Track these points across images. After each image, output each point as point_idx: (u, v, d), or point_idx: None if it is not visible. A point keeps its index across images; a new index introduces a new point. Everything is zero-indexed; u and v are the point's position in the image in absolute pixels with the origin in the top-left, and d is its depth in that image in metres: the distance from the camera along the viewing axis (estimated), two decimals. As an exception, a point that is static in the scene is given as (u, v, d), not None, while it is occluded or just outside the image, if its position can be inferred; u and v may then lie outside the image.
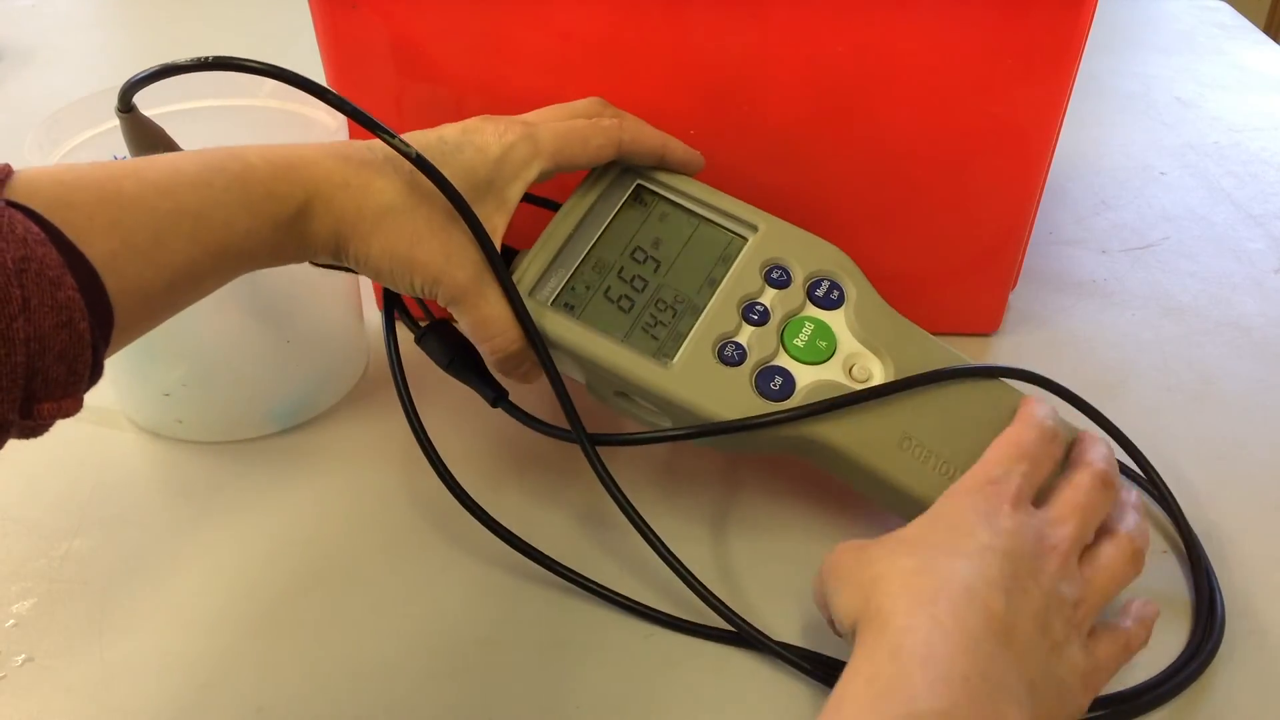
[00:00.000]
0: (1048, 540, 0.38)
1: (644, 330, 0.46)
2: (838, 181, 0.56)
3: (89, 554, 0.48)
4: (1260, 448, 0.55)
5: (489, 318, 0.44)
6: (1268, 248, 0.72)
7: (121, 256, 0.34)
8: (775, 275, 0.47)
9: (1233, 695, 0.42)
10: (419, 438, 0.47)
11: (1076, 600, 0.38)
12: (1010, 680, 0.34)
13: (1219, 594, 0.46)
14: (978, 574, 0.36)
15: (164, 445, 0.55)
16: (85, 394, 0.33)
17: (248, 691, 0.42)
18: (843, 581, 0.38)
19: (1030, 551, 0.37)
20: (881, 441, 0.44)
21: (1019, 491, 0.40)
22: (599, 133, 0.46)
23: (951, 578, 0.36)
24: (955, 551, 0.37)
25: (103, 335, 0.33)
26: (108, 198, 0.34)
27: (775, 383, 0.45)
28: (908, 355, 0.46)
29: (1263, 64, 1.01)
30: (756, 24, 0.50)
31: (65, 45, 1.05)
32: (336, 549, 0.49)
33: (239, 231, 0.38)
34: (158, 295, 0.36)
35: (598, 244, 0.47)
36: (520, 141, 0.44)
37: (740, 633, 0.43)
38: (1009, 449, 0.41)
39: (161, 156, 0.38)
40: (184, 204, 0.36)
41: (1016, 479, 0.40)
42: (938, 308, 0.61)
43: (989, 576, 0.36)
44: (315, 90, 0.41)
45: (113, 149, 0.54)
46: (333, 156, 0.41)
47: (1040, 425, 0.43)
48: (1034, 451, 0.41)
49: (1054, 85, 0.52)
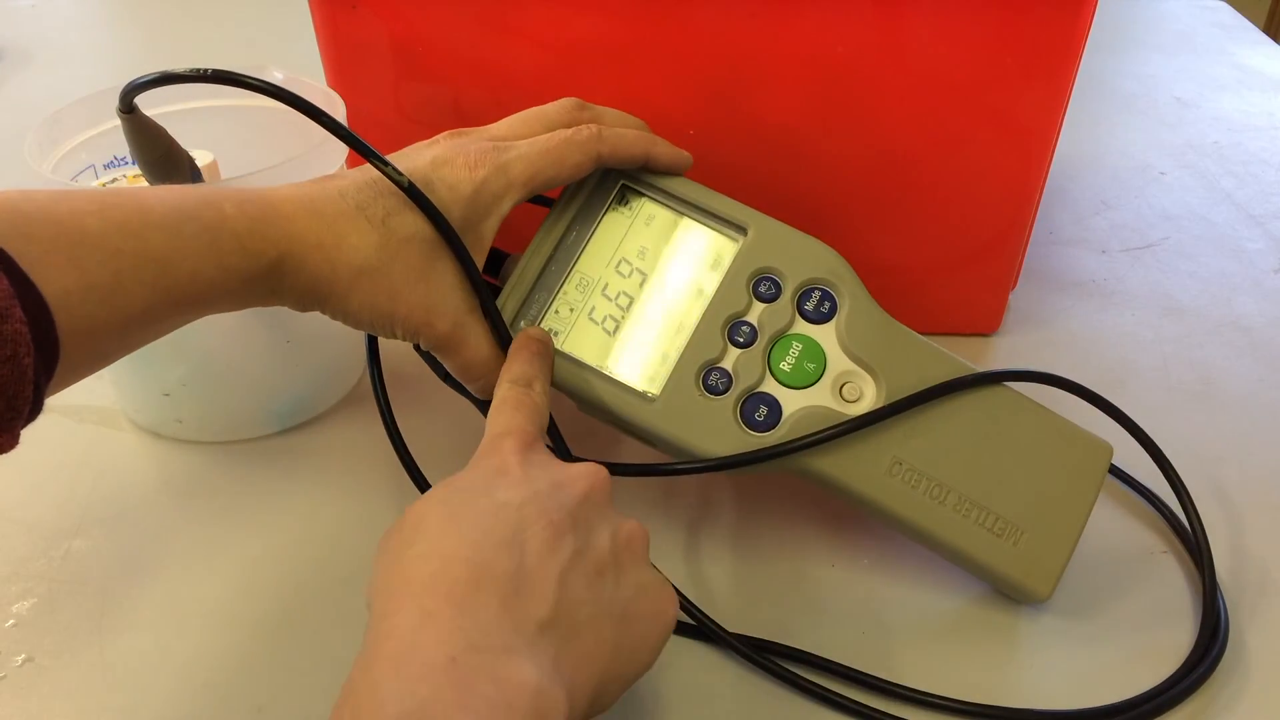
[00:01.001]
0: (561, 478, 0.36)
1: (629, 355, 0.45)
2: (838, 181, 0.56)
3: (89, 554, 0.48)
4: (1260, 448, 0.55)
5: (472, 361, 0.43)
6: (1268, 248, 0.72)
7: (76, 295, 0.33)
8: (764, 288, 0.46)
9: (1238, 698, 0.42)
10: (395, 444, 0.46)
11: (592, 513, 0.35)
12: (512, 636, 0.30)
13: (1222, 600, 0.46)
14: (483, 540, 0.32)
15: (164, 445, 0.55)
16: (21, 431, 0.32)
17: (248, 691, 0.42)
18: (371, 577, 0.34)
19: (544, 490, 0.35)
20: (870, 469, 0.43)
21: (520, 437, 0.37)
22: (575, 149, 0.44)
23: (454, 557, 0.32)
24: (459, 524, 0.33)
25: (46, 372, 0.32)
26: (68, 233, 0.33)
27: (760, 412, 0.44)
28: (901, 370, 0.44)
29: (1263, 64, 1.01)
30: (756, 23, 0.50)
31: (65, 45, 1.05)
32: (336, 549, 0.49)
33: (204, 281, 0.37)
34: (110, 337, 0.35)
35: (582, 258, 0.46)
36: (493, 176, 0.43)
37: (699, 625, 0.43)
38: (497, 409, 0.40)
39: (130, 192, 0.36)
40: (149, 249, 0.35)
41: (515, 430, 0.38)
42: (938, 308, 0.61)
43: (498, 538, 0.32)
44: (310, 111, 0.41)
45: (113, 149, 0.54)
46: (306, 212, 0.40)
47: (516, 379, 0.41)
48: (524, 401, 0.40)
49: (1054, 85, 0.52)
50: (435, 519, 0.33)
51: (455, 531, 0.33)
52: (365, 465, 0.53)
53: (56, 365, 0.32)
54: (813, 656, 0.43)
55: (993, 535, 0.43)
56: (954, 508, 0.43)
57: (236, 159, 0.52)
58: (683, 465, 0.44)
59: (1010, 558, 0.43)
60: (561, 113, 0.47)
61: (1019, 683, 0.43)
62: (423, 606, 0.30)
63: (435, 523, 0.33)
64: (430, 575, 0.31)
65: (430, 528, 0.33)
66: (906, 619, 0.46)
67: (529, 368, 0.42)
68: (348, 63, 0.54)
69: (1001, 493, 0.44)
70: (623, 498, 0.50)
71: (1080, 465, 0.44)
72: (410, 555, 0.32)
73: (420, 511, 0.34)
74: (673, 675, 0.43)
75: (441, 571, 0.31)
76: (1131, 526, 0.50)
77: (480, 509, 0.34)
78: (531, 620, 0.31)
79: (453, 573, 0.31)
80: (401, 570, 0.32)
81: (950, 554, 0.44)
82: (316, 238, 0.40)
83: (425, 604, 0.30)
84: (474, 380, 0.44)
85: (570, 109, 0.47)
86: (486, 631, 0.30)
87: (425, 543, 0.32)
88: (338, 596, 0.46)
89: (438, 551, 0.32)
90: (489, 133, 0.45)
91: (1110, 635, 0.45)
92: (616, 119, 0.48)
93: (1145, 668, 0.43)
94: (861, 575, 0.47)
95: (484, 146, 0.43)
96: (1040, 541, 0.43)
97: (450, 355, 0.43)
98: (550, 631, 0.31)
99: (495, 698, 0.28)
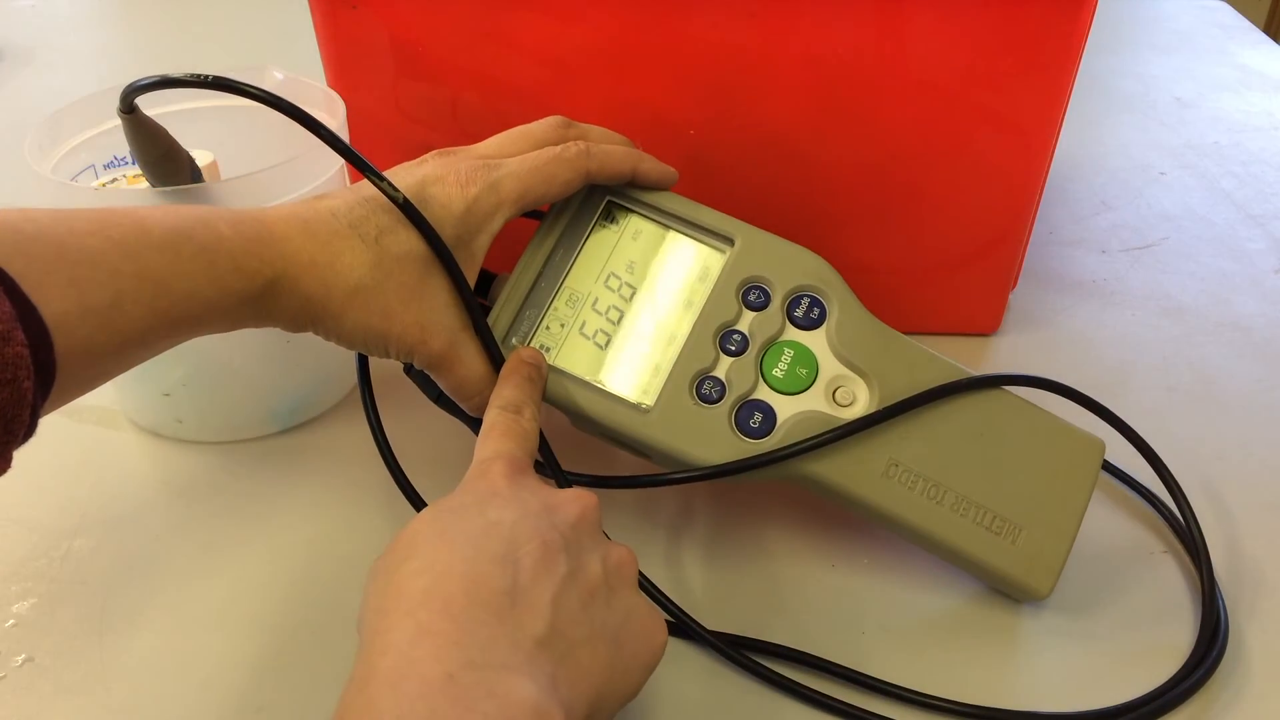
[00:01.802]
0: (553, 502, 0.36)
1: (621, 368, 0.45)
2: (838, 182, 0.56)
3: (89, 554, 0.48)
4: (1260, 448, 0.55)
5: (466, 379, 0.43)
6: (1268, 248, 0.73)
7: (75, 316, 0.33)
8: (753, 297, 0.46)
9: (1238, 699, 0.42)
10: (386, 460, 0.46)
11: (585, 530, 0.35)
12: (510, 652, 0.30)
13: (1221, 600, 0.46)
14: (477, 556, 0.32)
15: (164, 445, 0.55)
16: (14, 453, 0.32)
17: (248, 691, 0.42)
18: (363, 598, 0.33)
19: (536, 510, 0.35)
20: (866, 471, 0.44)
21: (510, 463, 0.37)
22: (564, 166, 0.44)
23: (448, 572, 0.31)
24: (453, 541, 0.33)
25: (42, 394, 0.32)
26: (68, 254, 0.33)
27: (755, 419, 0.44)
28: (893, 372, 0.45)
29: (1263, 64, 1.01)
30: (756, 24, 0.50)
31: (65, 45, 1.05)
32: (336, 548, 0.49)
33: (200, 302, 0.37)
34: (107, 358, 0.35)
35: (571, 274, 0.46)
36: (484, 194, 0.43)
37: (677, 621, 0.43)
38: (486, 435, 0.39)
39: (128, 211, 0.36)
40: (147, 269, 0.35)
41: (504, 455, 0.38)
42: (938, 308, 0.61)
43: (491, 553, 0.32)
44: (308, 124, 0.41)
45: (113, 149, 0.54)
46: (300, 232, 0.40)
47: (505, 405, 0.41)
48: (513, 427, 0.40)
49: (1054, 85, 0.52)
50: (427, 536, 0.33)
51: (448, 548, 0.32)
52: (365, 465, 0.53)
53: (53, 387, 0.32)
54: (813, 658, 0.43)
55: (991, 534, 0.43)
56: (952, 507, 0.44)
57: (236, 159, 0.52)
58: (679, 475, 0.44)
59: (1010, 555, 0.43)
60: (548, 131, 0.47)
61: (1018, 684, 0.43)
62: (418, 622, 0.30)
63: (427, 540, 0.33)
64: (424, 590, 0.31)
65: (422, 545, 0.33)
66: (905, 620, 0.46)
67: (518, 393, 0.42)
68: (348, 63, 0.54)
69: (998, 491, 0.44)
70: (610, 508, 0.50)
71: (1074, 461, 0.45)
72: (403, 572, 0.32)
73: (412, 531, 0.34)
74: (673, 684, 0.43)
75: (435, 586, 0.31)
76: (1130, 527, 0.50)
77: (472, 526, 0.33)
78: (528, 637, 0.31)
79: (447, 587, 0.31)
80: (395, 587, 0.31)
81: (949, 554, 0.44)
82: (310, 257, 0.40)
83: (420, 619, 0.30)
84: (468, 398, 0.44)
85: (556, 126, 0.47)
86: (484, 648, 0.30)
87: (418, 560, 0.32)
88: (338, 596, 0.46)
89: (430, 567, 0.32)
90: (477, 151, 0.45)
91: (1109, 636, 0.45)
92: (602, 136, 0.48)
93: (1145, 668, 0.43)
94: (861, 576, 0.47)
95: (474, 164, 0.43)
96: (1039, 538, 0.44)
97: (444, 373, 0.43)
98: (547, 649, 0.31)
99: (495, 715, 0.28)
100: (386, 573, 0.32)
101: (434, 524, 0.34)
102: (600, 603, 0.34)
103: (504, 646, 0.30)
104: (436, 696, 0.28)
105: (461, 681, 0.28)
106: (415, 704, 0.28)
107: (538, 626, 0.31)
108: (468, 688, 0.28)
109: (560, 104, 0.51)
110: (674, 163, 0.48)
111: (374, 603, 0.32)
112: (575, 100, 0.53)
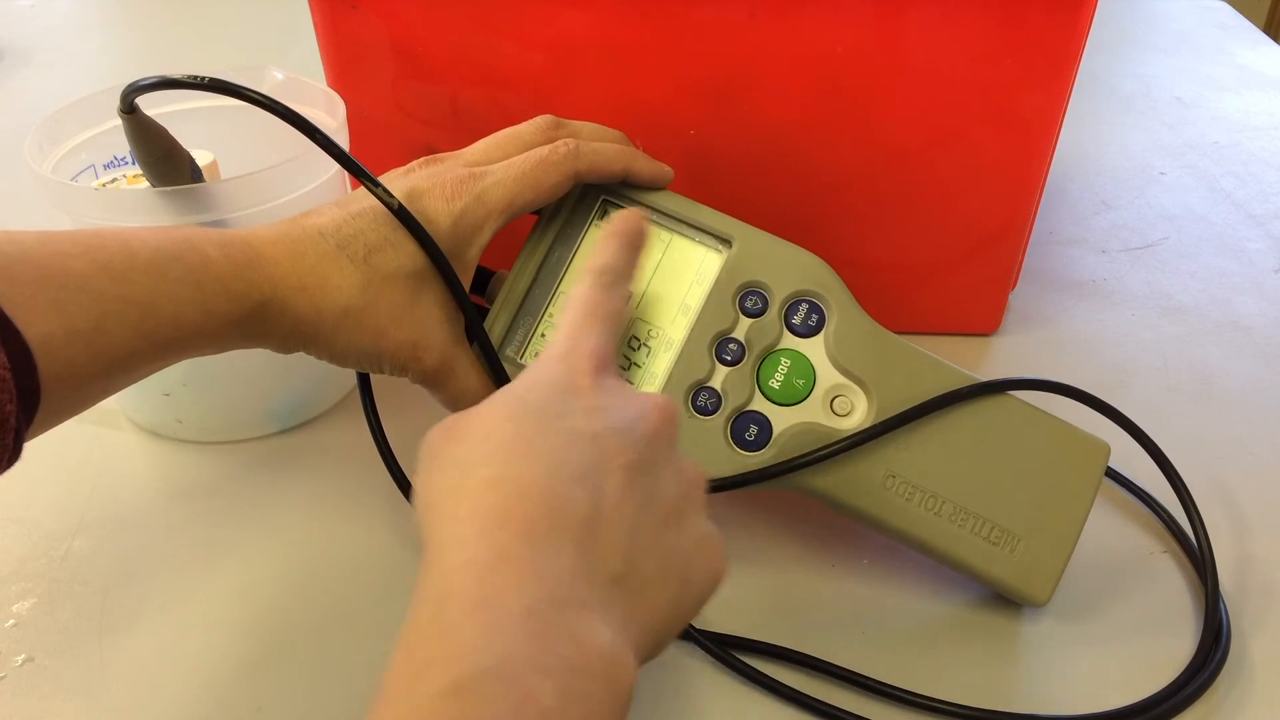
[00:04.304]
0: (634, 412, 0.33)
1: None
2: (838, 180, 0.56)
3: (89, 554, 0.48)
4: (1260, 448, 0.55)
5: (461, 393, 0.43)
6: (1268, 248, 0.73)
7: (59, 339, 0.32)
8: (750, 303, 0.45)
9: (1241, 705, 0.42)
10: (382, 452, 0.46)
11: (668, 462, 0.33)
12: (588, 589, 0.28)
13: (1223, 603, 0.45)
14: (558, 472, 0.30)
15: (164, 445, 0.55)
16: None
17: (248, 691, 0.42)
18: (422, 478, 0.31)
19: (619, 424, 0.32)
20: (863, 483, 0.43)
21: (597, 356, 0.34)
22: (551, 170, 0.43)
23: (529, 489, 0.29)
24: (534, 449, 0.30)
25: (26, 418, 0.32)
26: (53, 276, 0.33)
27: (751, 432, 0.44)
28: (892, 381, 0.44)
29: (1263, 64, 1.01)
30: (756, 23, 0.50)
31: (65, 45, 1.05)
32: (336, 548, 0.49)
33: (187, 325, 0.37)
34: (92, 381, 0.34)
35: (566, 279, 0.46)
36: (470, 206, 0.42)
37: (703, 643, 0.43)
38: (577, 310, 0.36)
39: (114, 233, 0.36)
40: (133, 292, 0.35)
41: (591, 342, 0.35)
42: (938, 308, 0.61)
43: (573, 471, 0.30)
44: (304, 128, 0.41)
45: (113, 149, 0.54)
46: (288, 255, 0.40)
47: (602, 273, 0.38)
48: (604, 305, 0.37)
49: (1054, 84, 0.52)
50: (503, 437, 0.31)
51: (526, 458, 0.30)
52: (365, 465, 0.53)
53: (37, 411, 0.32)
54: (812, 658, 0.43)
55: (990, 544, 0.43)
56: (950, 519, 0.43)
57: (236, 159, 0.52)
58: None
59: (1008, 565, 0.43)
60: (537, 132, 0.46)
61: (1018, 687, 0.43)
62: (497, 543, 0.28)
63: (504, 443, 0.31)
64: (504, 506, 0.29)
65: (499, 448, 0.30)
66: (906, 622, 0.45)
67: (619, 259, 0.38)
68: (348, 63, 0.54)
69: (998, 501, 0.43)
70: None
71: (1077, 466, 0.44)
72: (478, 477, 0.29)
73: (485, 423, 0.31)
74: (671, 685, 0.43)
75: (516, 506, 0.29)
76: (1129, 530, 0.50)
77: (554, 434, 0.31)
78: (604, 572, 0.29)
79: (528, 508, 0.29)
80: (469, 494, 0.29)
81: (948, 562, 0.44)
82: (299, 281, 0.39)
83: (499, 540, 0.28)
84: None
85: (545, 127, 0.46)
86: (562, 581, 0.28)
87: (495, 465, 0.30)
88: (338, 596, 0.46)
89: (508, 477, 0.29)
90: (464, 158, 0.45)
91: (1110, 640, 0.45)
92: (594, 133, 0.47)
93: (1146, 673, 0.43)
94: (861, 578, 0.47)
95: (460, 175, 0.43)
96: (1038, 547, 0.43)
97: (439, 388, 0.43)
98: (620, 586, 0.29)
99: (573, 659, 0.26)
100: (456, 466, 0.30)
101: (512, 423, 0.31)
102: (673, 530, 0.32)
103: (581, 582, 0.28)
104: (516, 630, 0.26)
105: (540, 618, 0.27)
106: (495, 636, 0.26)
107: (613, 561, 0.29)
108: (547, 626, 0.27)
109: (561, 103, 0.51)
110: (673, 161, 0.48)
111: (444, 504, 0.30)
112: (576, 100, 0.53)
